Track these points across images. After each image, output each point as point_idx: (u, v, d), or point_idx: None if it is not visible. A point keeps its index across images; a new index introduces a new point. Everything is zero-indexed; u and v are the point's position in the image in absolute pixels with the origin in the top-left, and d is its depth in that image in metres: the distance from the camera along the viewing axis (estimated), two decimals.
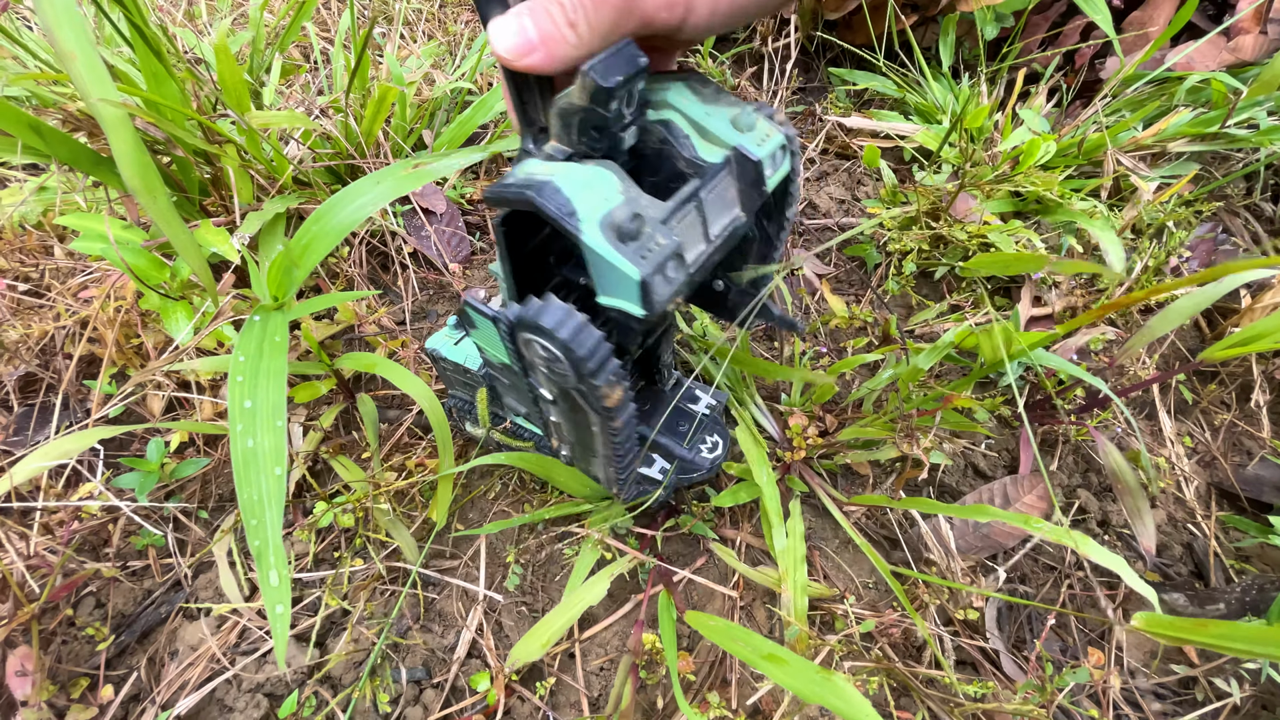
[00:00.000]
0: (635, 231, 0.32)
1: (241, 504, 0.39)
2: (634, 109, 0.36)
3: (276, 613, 0.38)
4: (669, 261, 0.32)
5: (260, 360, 0.43)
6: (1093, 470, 0.76)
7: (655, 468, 0.62)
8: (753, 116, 0.37)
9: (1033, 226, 0.88)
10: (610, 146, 0.36)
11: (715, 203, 0.37)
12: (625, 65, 0.32)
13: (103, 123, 0.51)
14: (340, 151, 0.89)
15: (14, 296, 0.76)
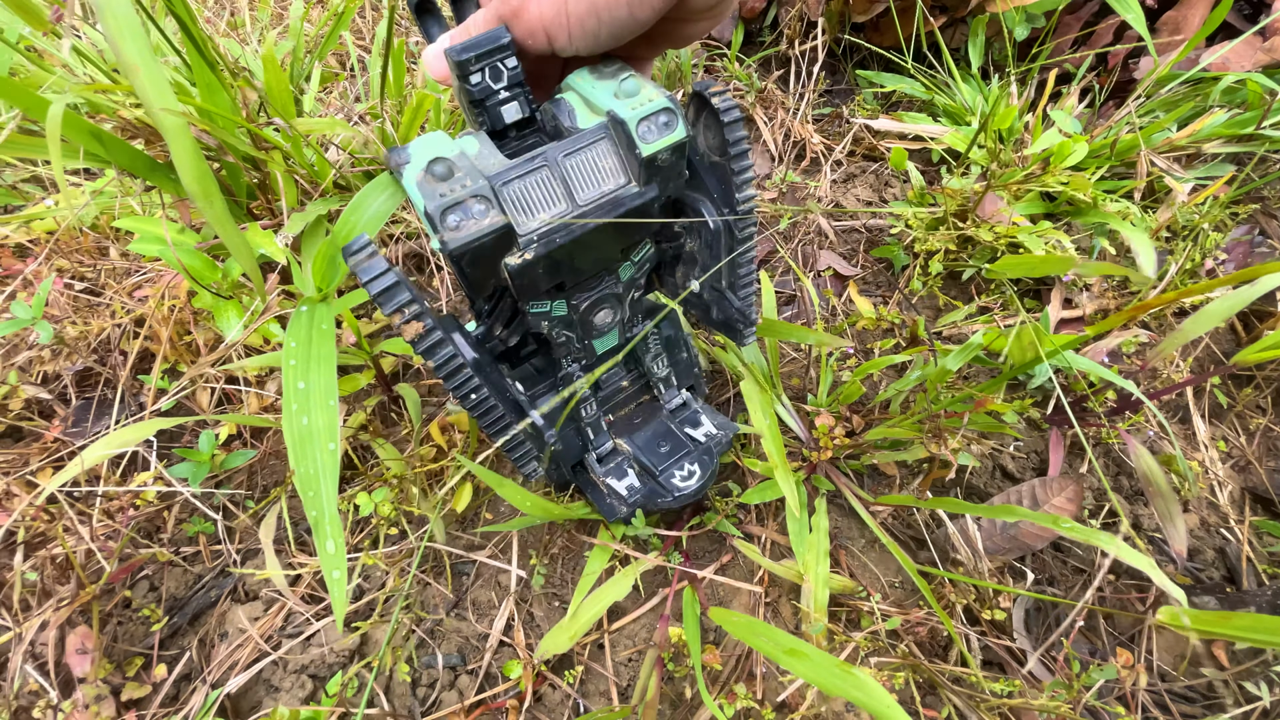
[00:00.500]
0: (443, 174, 0.35)
1: (298, 478, 0.41)
2: (504, 85, 0.38)
3: (334, 577, 0.40)
4: (472, 202, 0.35)
5: (310, 346, 0.46)
6: (1124, 474, 0.75)
7: (624, 482, 0.61)
8: (635, 84, 0.38)
9: (1063, 228, 0.88)
10: (493, 120, 0.40)
11: (583, 166, 0.39)
12: (480, 42, 0.36)
13: (164, 131, 0.54)
14: (378, 156, 0.92)
15: (72, 295, 0.81)
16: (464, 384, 0.42)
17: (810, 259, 0.92)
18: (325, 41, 1.19)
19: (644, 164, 0.38)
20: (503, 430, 0.47)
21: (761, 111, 1.17)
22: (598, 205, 0.39)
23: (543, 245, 0.38)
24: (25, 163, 1.00)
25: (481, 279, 0.40)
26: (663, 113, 0.38)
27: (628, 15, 0.35)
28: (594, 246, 0.42)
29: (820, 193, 1.00)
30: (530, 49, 0.37)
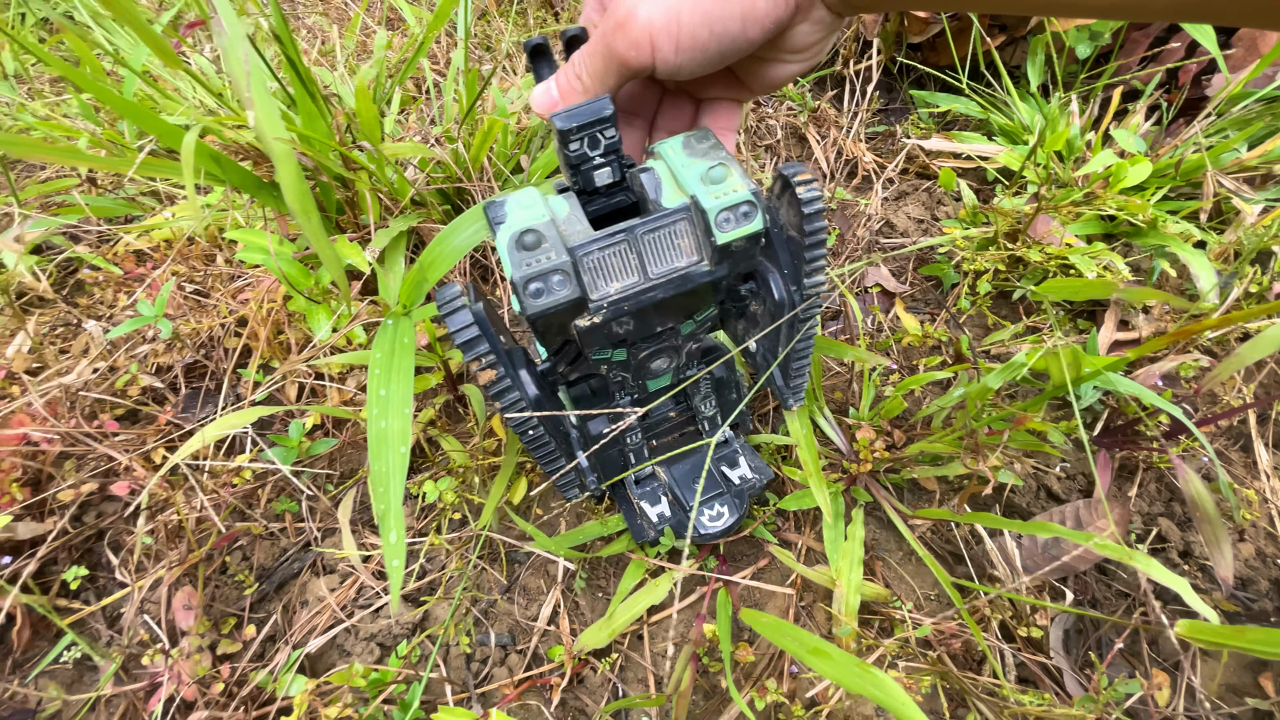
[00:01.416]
0: (532, 245, 0.38)
1: (372, 475, 0.47)
2: (600, 152, 0.41)
3: (393, 565, 0.45)
4: (553, 274, 0.38)
5: (393, 358, 0.52)
6: (1176, 500, 0.74)
7: (656, 509, 0.64)
8: (723, 171, 0.40)
9: (1120, 249, 0.87)
10: (585, 181, 0.43)
11: (660, 243, 0.41)
12: (583, 114, 0.39)
13: (273, 156, 0.62)
14: (450, 175, 1.00)
15: (183, 296, 0.91)
16: (524, 424, 0.47)
17: (858, 274, 0.94)
18: (405, 68, 1.29)
19: (717, 250, 0.41)
20: (553, 463, 0.52)
21: (814, 129, 1.19)
22: (667, 280, 0.42)
23: (611, 311, 0.42)
24: (145, 178, 1.13)
25: (552, 336, 0.44)
26: (744, 204, 0.40)
27: (739, 30, 0.35)
28: (658, 313, 0.45)
29: (871, 210, 1.02)
30: (633, 62, 0.37)
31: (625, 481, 0.67)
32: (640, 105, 0.48)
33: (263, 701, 0.61)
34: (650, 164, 0.44)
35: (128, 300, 0.92)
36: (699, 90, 0.47)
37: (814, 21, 0.37)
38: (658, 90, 0.48)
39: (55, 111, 1.39)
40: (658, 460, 0.68)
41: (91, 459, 0.79)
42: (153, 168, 0.70)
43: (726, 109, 0.46)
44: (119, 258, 0.96)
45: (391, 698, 0.60)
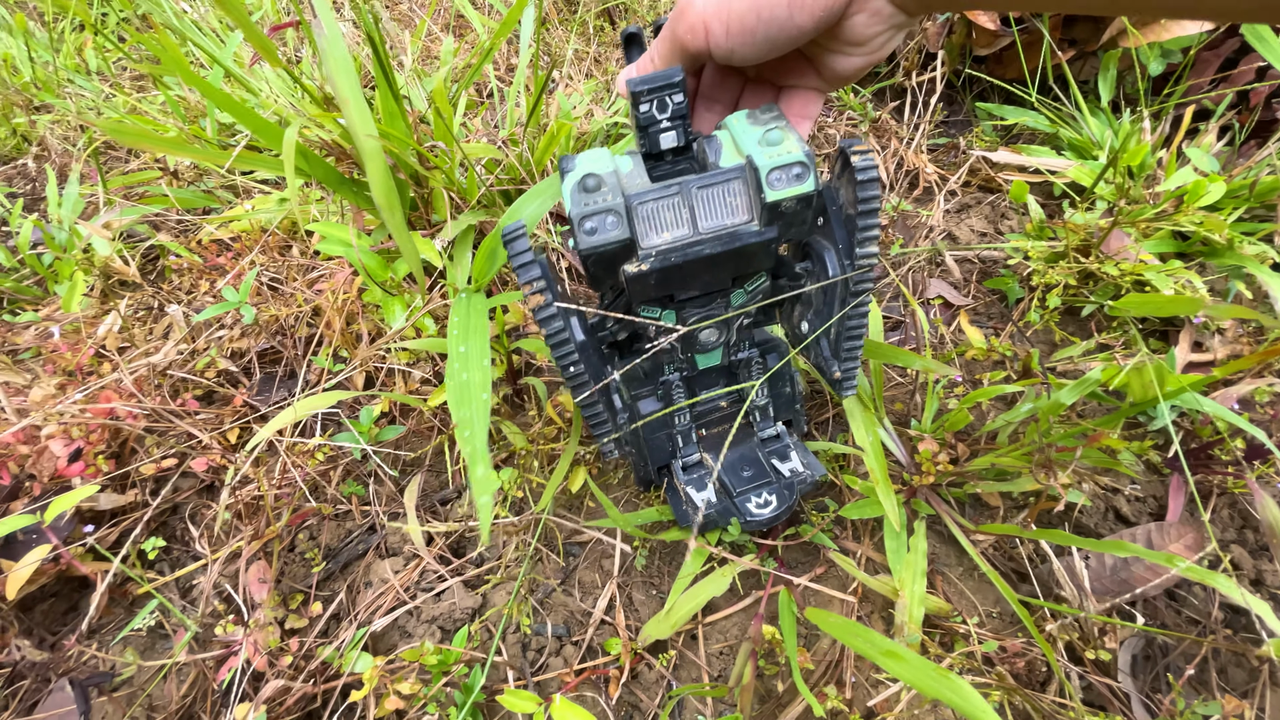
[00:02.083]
0: (592, 187, 0.41)
1: (458, 420, 0.49)
2: (667, 115, 0.44)
3: (482, 501, 0.46)
4: (607, 214, 0.41)
5: (469, 319, 0.54)
6: (1250, 527, 0.71)
7: (702, 495, 0.64)
8: (779, 134, 0.41)
9: (1195, 268, 0.84)
10: (651, 144, 0.45)
11: (712, 199, 0.43)
12: (654, 78, 0.42)
13: (363, 153, 0.65)
14: (514, 177, 1.03)
15: (259, 285, 0.95)
16: (566, 355, 0.49)
17: (919, 286, 0.93)
18: (470, 72, 1.33)
19: (767, 207, 0.42)
20: (589, 402, 0.53)
21: (874, 139, 1.19)
22: (716, 235, 0.44)
23: (658, 260, 0.44)
24: (226, 172, 1.19)
25: (603, 277, 0.46)
26: (797, 165, 0.41)
27: (786, 16, 0.36)
28: (705, 270, 0.46)
29: (932, 221, 1.01)
30: (690, 45, 0.40)
31: (673, 469, 0.67)
32: (722, 92, 0.50)
33: (329, 676, 0.63)
34: (716, 133, 0.46)
35: (208, 287, 0.96)
36: (778, 78, 0.48)
37: (872, 13, 0.37)
38: (740, 79, 0.50)
39: (138, 106, 1.46)
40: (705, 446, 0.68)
41: (171, 436, 0.82)
42: (247, 161, 0.73)
43: (804, 97, 0.47)
44: (200, 247, 1.01)
45: (454, 681, 0.61)
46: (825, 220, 0.50)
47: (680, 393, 0.63)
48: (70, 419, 0.75)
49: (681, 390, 0.63)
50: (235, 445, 0.81)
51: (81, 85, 1.65)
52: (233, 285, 0.81)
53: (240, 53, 1.37)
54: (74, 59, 1.80)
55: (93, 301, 1.01)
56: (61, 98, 1.63)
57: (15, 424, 0.74)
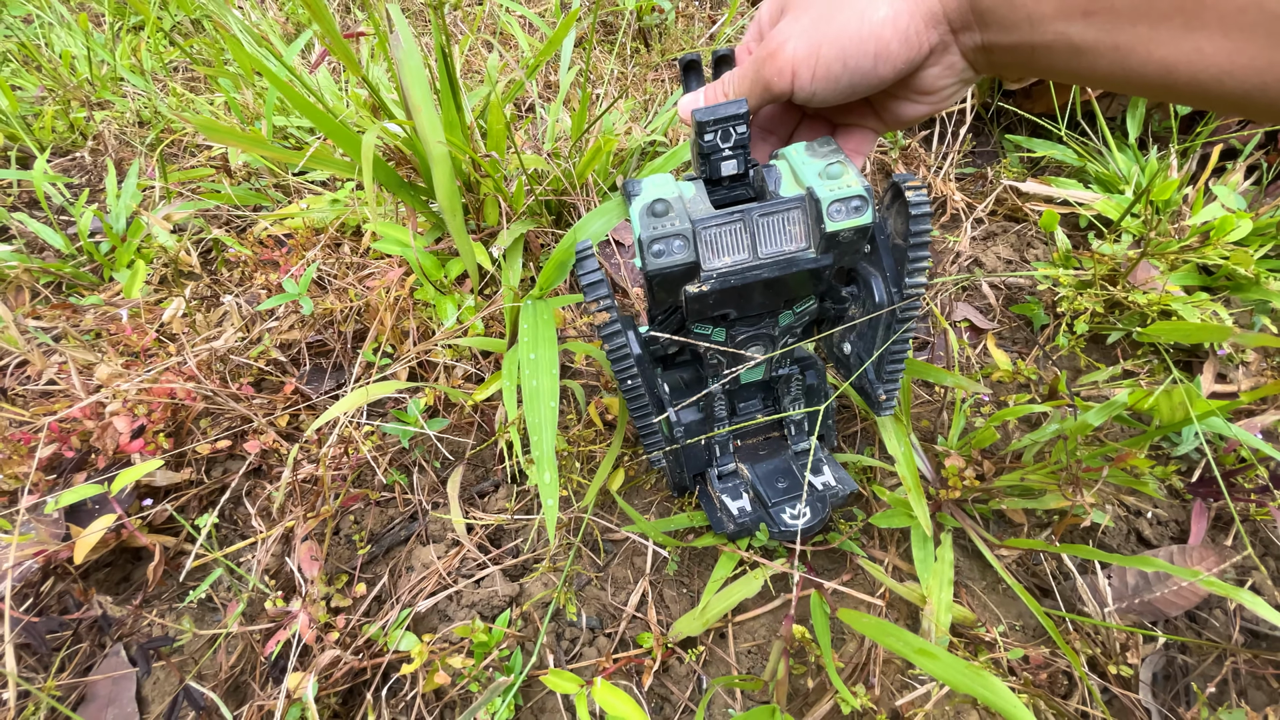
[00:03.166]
0: (660, 212, 0.44)
1: (529, 424, 0.52)
2: (730, 145, 0.46)
3: (548, 504, 0.50)
4: (674, 238, 0.44)
5: (538, 329, 0.57)
6: (1271, 555, 0.73)
7: (737, 504, 0.66)
8: (840, 169, 0.44)
9: (1220, 301, 0.87)
10: (713, 170, 0.48)
11: (772, 227, 0.45)
12: (720, 109, 0.44)
13: (432, 158, 0.69)
14: (557, 188, 1.07)
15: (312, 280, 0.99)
16: (625, 370, 0.52)
17: (946, 309, 0.96)
18: (514, 88, 1.38)
19: (826, 237, 0.44)
20: (644, 414, 0.56)
21: (903, 167, 1.23)
22: (774, 261, 0.46)
23: (719, 282, 0.46)
24: (275, 171, 1.24)
25: (665, 297, 0.49)
26: (856, 198, 0.44)
27: (871, 67, 0.39)
28: (761, 292, 0.48)
29: (960, 247, 1.04)
30: (775, 87, 0.42)
31: (708, 477, 0.70)
32: (779, 125, 0.53)
33: (374, 653, 0.66)
34: (773, 162, 0.48)
35: (262, 280, 1.01)
36: (836, 115, 0.51)
37: (946, 66, 0.40)
38: (797, 113, 0.53)
39: (193, 105, 1.53)
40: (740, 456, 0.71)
41: (225, 419, 0.86)
42: (318, 161, 0.78)
43: (859, 134, 0.50)
44: (257, 241, 1.05)
45: (493, 663, 0.63)
46: (873, 248, 0.53)
47: (721, 405, 0.65)
48: (134, 397, 0.78)
49: (723, 403, 0.65)
50: (288, 430, 0.85)
51: (136, 84, 1.72)
52: (292, 279, 0.85)
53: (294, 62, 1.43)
54: (129, 59, 1.87)
55: (150, 289, 1.06)
56: (119, 95, 1.70)
57: (83, 399, 0.78)
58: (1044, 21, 0.34)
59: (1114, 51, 0.32)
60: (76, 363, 0.84)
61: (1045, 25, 0.34)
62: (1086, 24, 0.32)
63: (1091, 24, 0.32)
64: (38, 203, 1.36)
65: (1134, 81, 0.33)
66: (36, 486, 0.76)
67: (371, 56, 1.47)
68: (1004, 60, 0.38)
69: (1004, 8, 0.35)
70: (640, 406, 0.56)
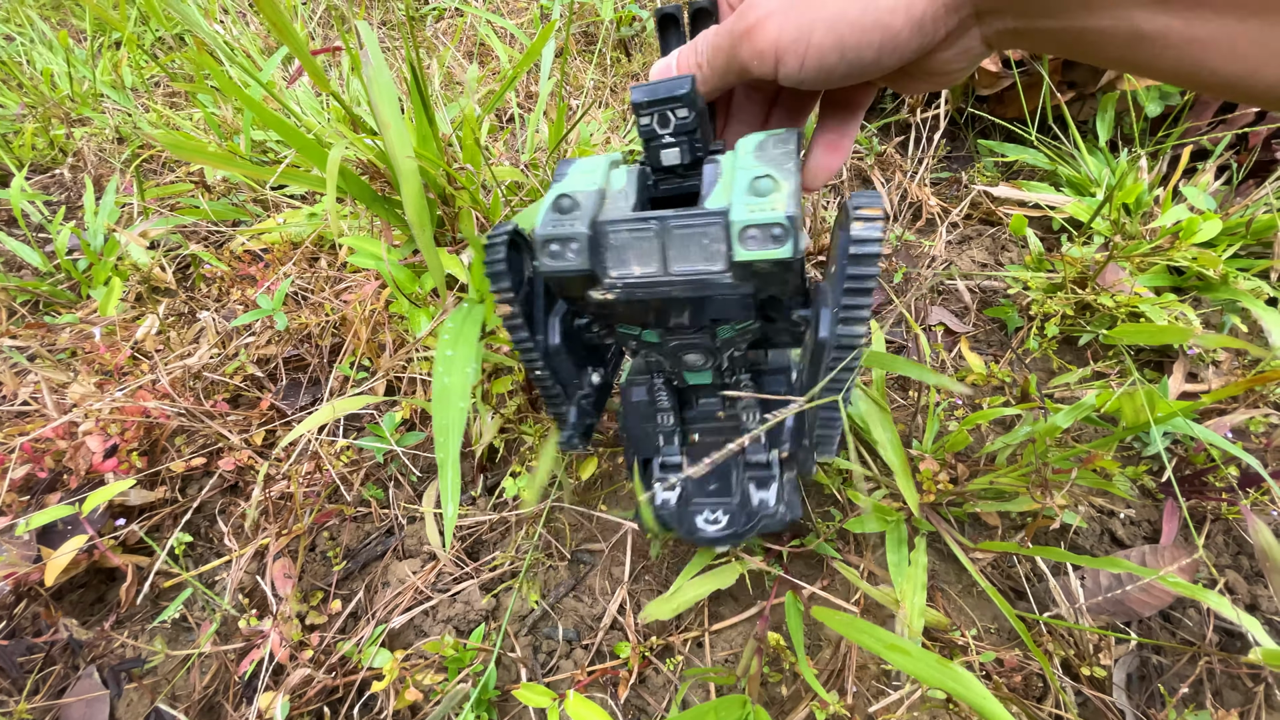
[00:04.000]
0: (566, 208, 0.40)
1: (436, 426, 0.52)
2: (669, 130, 0.40)
3: (449, 513, 0.49)
4: (570, 241, 0.39)
5: (462, 328, 0.57)
6: (1245, 553, 0.74)
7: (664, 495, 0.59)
8: (770, 184, 0.37)
9: (1190, 302, 0.88)
10: (653, 159, 0.42)
11: (687, 242, 0.39)
12: (658, 89, 0.39)
13: (400, 173, 0.69)
14: (536, 199, 1.07)
15: (287, 295, 0.99)
16: (531, 364, 0.48)
17: (921, 313, 0.97)
18: (493, 99, 1.39)
19: (735, 266, 0.38)
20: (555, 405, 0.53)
21: (879, 173, 1.24)
22: (685, 280, 0.40)
23: (624, 293, 0.41)
24: (253, 186, 1.24)
25: (567, 296, 0.45)
26: (776, 226, 0.36)
27: (874, 59, 0.33)
28: (676, 311, 0.43)
29: (935, 251, 1.05)
30: (754, 70, 0.36)
31: (651, 464, 0.63)
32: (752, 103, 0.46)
33: (348, 670, 0.66)
34: (720, 157, 0.42)
35: (239, 295, 1.00)
36: None
37: (960, 50, 0.35)
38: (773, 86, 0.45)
39: (172, 121, 1.52)
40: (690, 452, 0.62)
41: (200, 436, 0.86)
42: (290, 177, 0.78)
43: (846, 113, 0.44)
44: (233, 257, 1.05)
45: (468, 678, 0.63)
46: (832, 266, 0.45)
47: (663, 396, 0.59)
48: (107, 416, 0.78)
49: (664, 394, 0.59)
50: (262, 447, 0.85)
51: (116, 100, 1.72)
52: (266, 294, 0.85)
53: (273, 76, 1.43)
54: (110, 75, 1.87)
55: (126, 306, 1.06)
56: (99, 111, 1.70)
57: (56, 419, 0.78)
58: (1104, 6, 0.29)
59: (1188, 45, 0.27)
60: (50, 382, 0.84)
61: (1106, 10, 0.29)
62: (1159, 10, 0.27)
63: (1166, 10, 0.27)
64: (16, 221, 1.35)
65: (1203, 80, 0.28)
66: (9, 508, 0.75)
67: (352, 70, 1.48)
68: (1037, 44, 0.33)
69: None
70: (552, 398, 0.51)
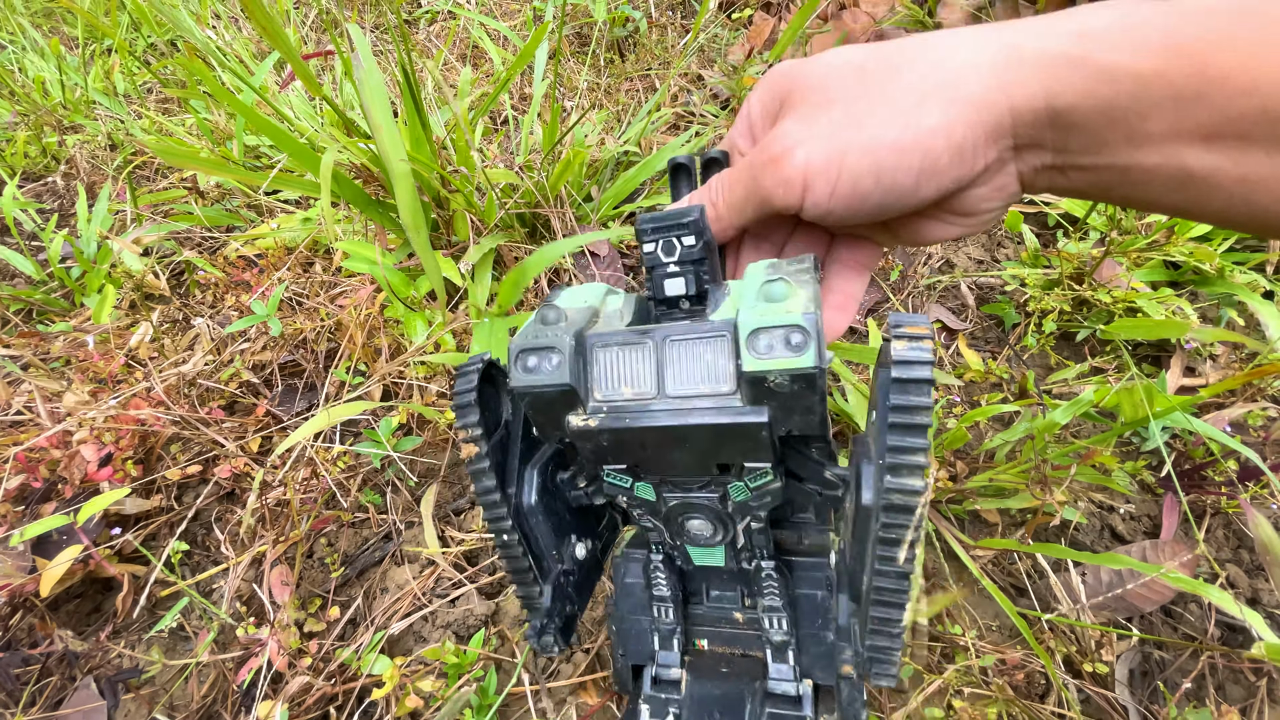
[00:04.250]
0: (551, 320, 0.35)
1: None
2: (674, 259, 0.37)
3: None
4: (551, 352, 0.34)
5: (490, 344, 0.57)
6: (1245, 547, 0.73)
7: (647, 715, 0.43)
8: (784, 289, 0.32)
9: (1187, 296, 0.88)
10: (656, 288, 0.38)
11: (685, 358, 0.34)
12: (665, 216, 0.37)
13: (394, 176, 0.69)
14: (530, 200, 1.07)
15: (282, 301, 0.98)
16: (494, 521, 0.40)
17: (918, 310, 0.97)
18: (487, 102, 1.38)
19: (747, 380, 0.32)
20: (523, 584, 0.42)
21: None
22: (684, 406, 0.34)
23: (611, 419, 0.35)
24: (246, 191, 1.23)
25: (545, 426, 0.38)
26: (795, 330, 0.30)
27: (911, 186, 0.31)
28: (671, 445, 0.35)
29: (931, 249, 1.05)
30: (777, 201, 0.33)
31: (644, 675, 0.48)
32: (769, 233, 0.43)
33: (347, 677, 0.65)
34: (730, 282, 0.38)
35: (233, 301, 1.00)
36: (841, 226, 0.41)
37: (996, 188, 0.32)
38: (791, 221, 0.42)
39: (165, 127, 1.52)
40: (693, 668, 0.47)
41: (196, 443, 0.85)
42: (282, 182, 0.77)
43: (866, 248, 0.41)
44: (227, 263, 1.05)
45: (470, 682, 0.63)
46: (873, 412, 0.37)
47: (662, 581, 0.45)
48: (102, 424, 0.77)
49: (663, 578, 0.45)
50: (258, 454, 0.84)
51: (109, 107, 1.71)
52: (260, 300, 0.85)
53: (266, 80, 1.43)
54: (102, 82, 1.86)
55: (120, 314, 1.05)
56: (91, 118, 1.69)
57: (49, 429, 0.77)
58: (1150, 142, 0.27)
59: (1238, 185, 0.26)
60: (43, 392, 0.83)
61: (1153, 147, 0.27)
62: (1207, 148, 0.26)
63: (1214, 149, 0.26)
64: (9, 229, 1.34)
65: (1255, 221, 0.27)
66: (4, 519, 0.74)
67: (346, 74, 1.47)
68: (1077, 183, 0.31)
69: (1099, 122, 0.28)
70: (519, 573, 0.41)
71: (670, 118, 1.47)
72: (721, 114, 1.43)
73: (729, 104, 1.50)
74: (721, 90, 1.53)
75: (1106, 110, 0.28)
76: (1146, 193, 0.29)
